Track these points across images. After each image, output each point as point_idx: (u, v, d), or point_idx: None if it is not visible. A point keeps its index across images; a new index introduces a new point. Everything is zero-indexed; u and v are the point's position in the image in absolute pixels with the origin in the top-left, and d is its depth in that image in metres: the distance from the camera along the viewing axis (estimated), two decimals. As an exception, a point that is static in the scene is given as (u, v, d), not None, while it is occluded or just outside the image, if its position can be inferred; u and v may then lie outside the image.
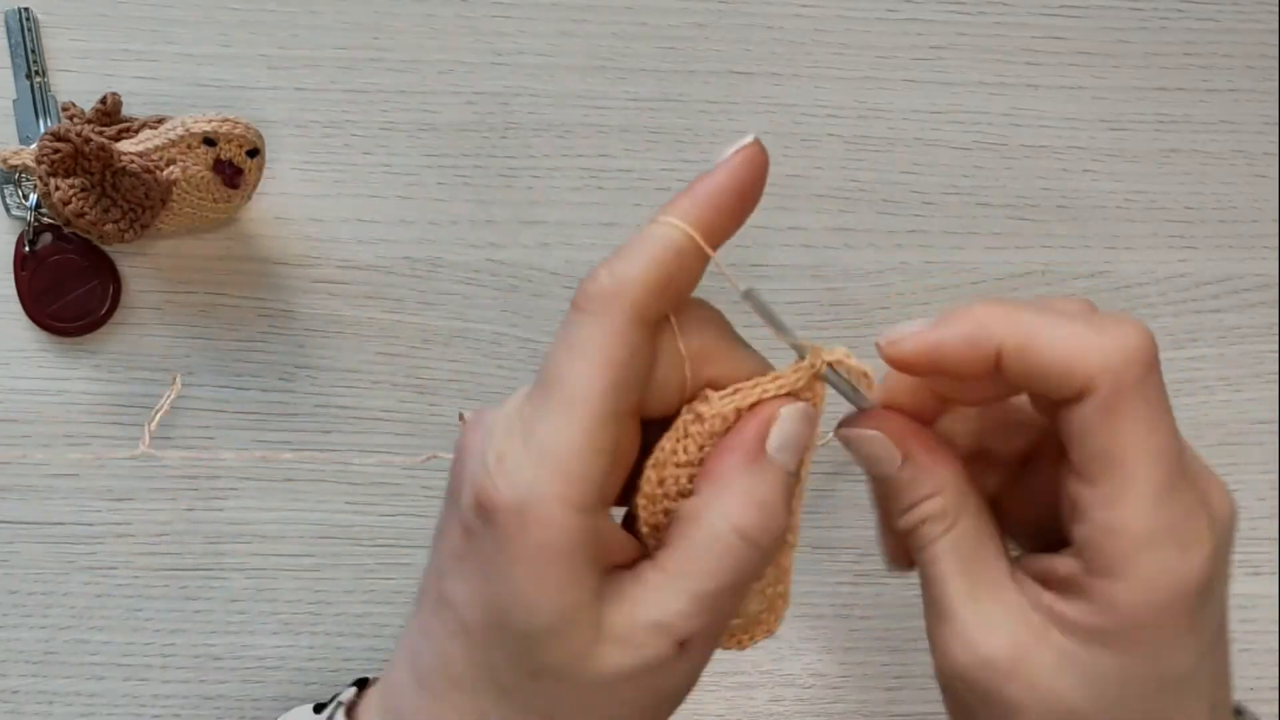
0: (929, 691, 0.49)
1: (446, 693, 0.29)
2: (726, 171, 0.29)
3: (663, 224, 0.28)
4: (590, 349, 0.27)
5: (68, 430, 0.47)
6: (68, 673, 0.46)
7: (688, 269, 0.28)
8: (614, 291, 0.27)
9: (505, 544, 0.27)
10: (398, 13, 0.49)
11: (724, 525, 0.28)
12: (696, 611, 0.27)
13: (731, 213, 0.29)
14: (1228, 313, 0.51)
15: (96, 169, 0.43)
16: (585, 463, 0.27)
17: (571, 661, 0.27)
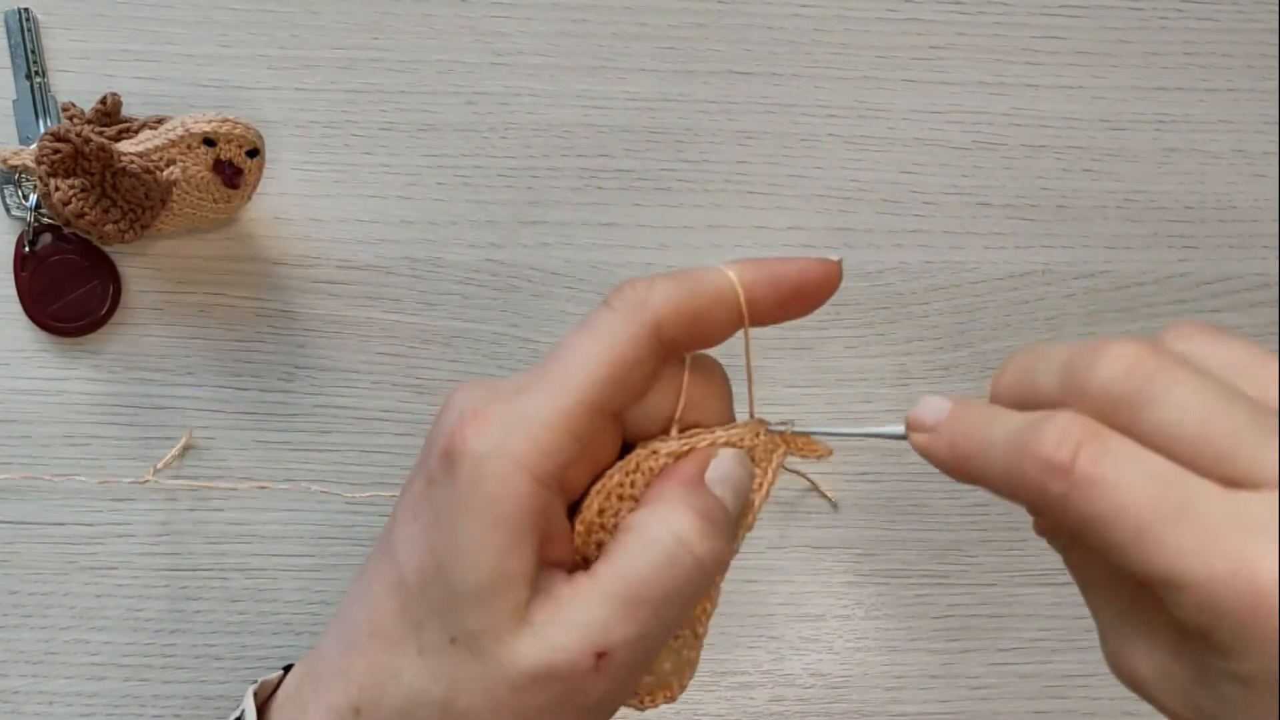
0: (929, 692, 0.49)
1: (365, 645, 0.29)
2: (800, 266, 0.29)
3: (719, 271, 0.28)
4: (602, 339, 0.27)
5: (67, 430, 0.47)
6: (68, 673, 0.46)
7: (719, 320, 0.28)
8: (644, 300, 0.28)
9: (459, 493, 0.27)
10: (397, 13, 0.49)
11: (663, 530, 0.27)
12: (621, 620, 0.27)
13: (783, 299, 0.29)
14: (1227, 313, 0.51)
15: (96, 169, 0.43)
16: (556, 438, 0.27)
17: (488, 635, 0.27)
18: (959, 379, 0.50)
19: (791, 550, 0.49)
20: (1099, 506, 0.23)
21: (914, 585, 0.49)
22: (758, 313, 0.29)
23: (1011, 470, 0.25)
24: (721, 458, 0.29)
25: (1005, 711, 0.49)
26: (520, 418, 0.27)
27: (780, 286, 0.29)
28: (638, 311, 0.28)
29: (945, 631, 0.49)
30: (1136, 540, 0.23)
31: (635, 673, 0.28)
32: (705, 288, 0.28)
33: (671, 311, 0.28)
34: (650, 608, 0.27)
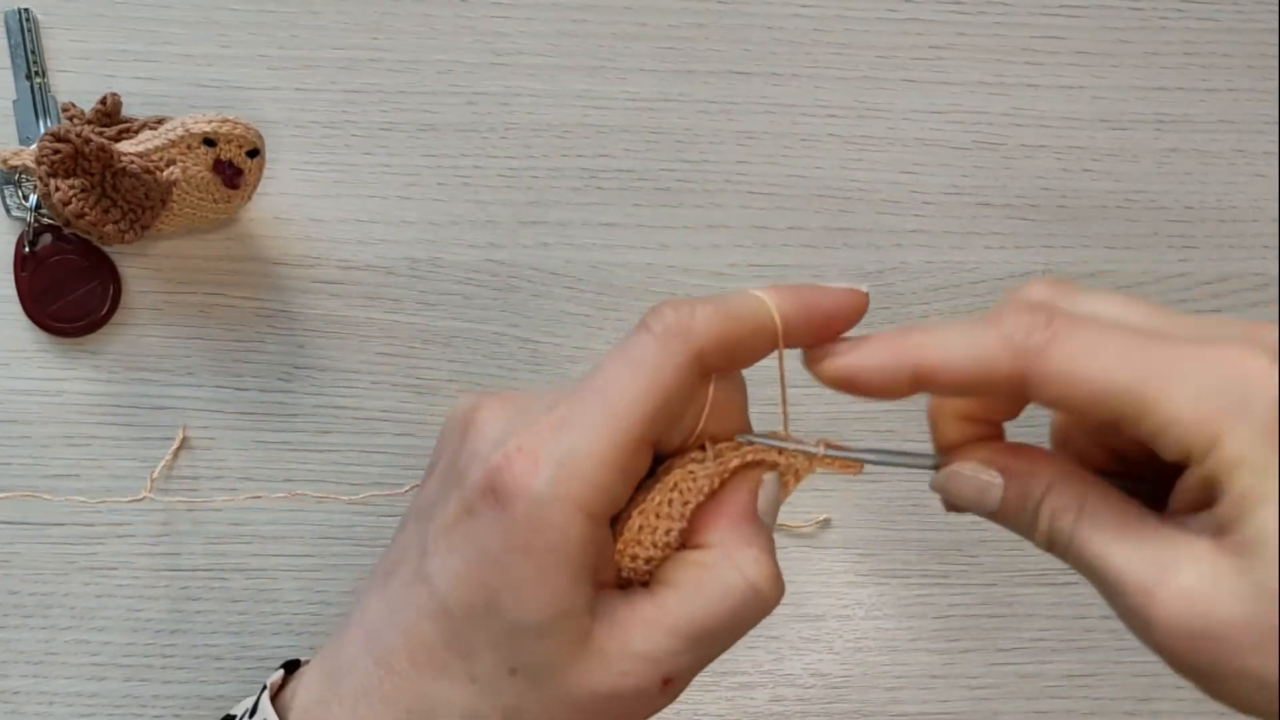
0: (929, 691, 0.49)
1: (408, 671, 0.29)
2: (834, 296, 0.29)
3: (756, 299, 0.29)
4: (648, 370, 0.27)
5: (67, 430, 0.47)
6: (68, 673, 0.46)
7: (754, 347, 0.29)
8: (687, 327, 0.28)
9: (514, 534, 0.27)
10: (397, 13, 0.49)
11: (737, 576, 0.29)
12: (689, 653, 0.28)
13: (816, 328, 0.29)
14: (1227, 312, 0.51)
15: (96, 169, 0.43)
16: (610, 476, 0.27)
17: (552, 666, 0.27)
18: (959, 379, 0.50)
19: (791, 550, 0.49)
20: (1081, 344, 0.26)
21: (914, 585, 0.49)
22: (790, 340, 0.29)
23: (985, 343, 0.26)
24: (766, 486, 0.30)
25: (1005, 711, 0.49)
26: (574, 456, 0.27)
27: (815, 316, 0.29)
28: (681, 341, 0.28)
29: (945, 631, 0.49)
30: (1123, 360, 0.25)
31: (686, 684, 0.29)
32: (746, 316, 0.28)
33: (715, 342, 0.28)
34: (716, 642, 0.29)
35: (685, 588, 0.29)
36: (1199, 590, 0.25)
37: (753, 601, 0.29)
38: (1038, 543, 0.29)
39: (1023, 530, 0.29)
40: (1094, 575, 0.28)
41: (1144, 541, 0.27)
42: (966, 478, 0.29)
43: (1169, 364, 0.25)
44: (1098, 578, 0.28)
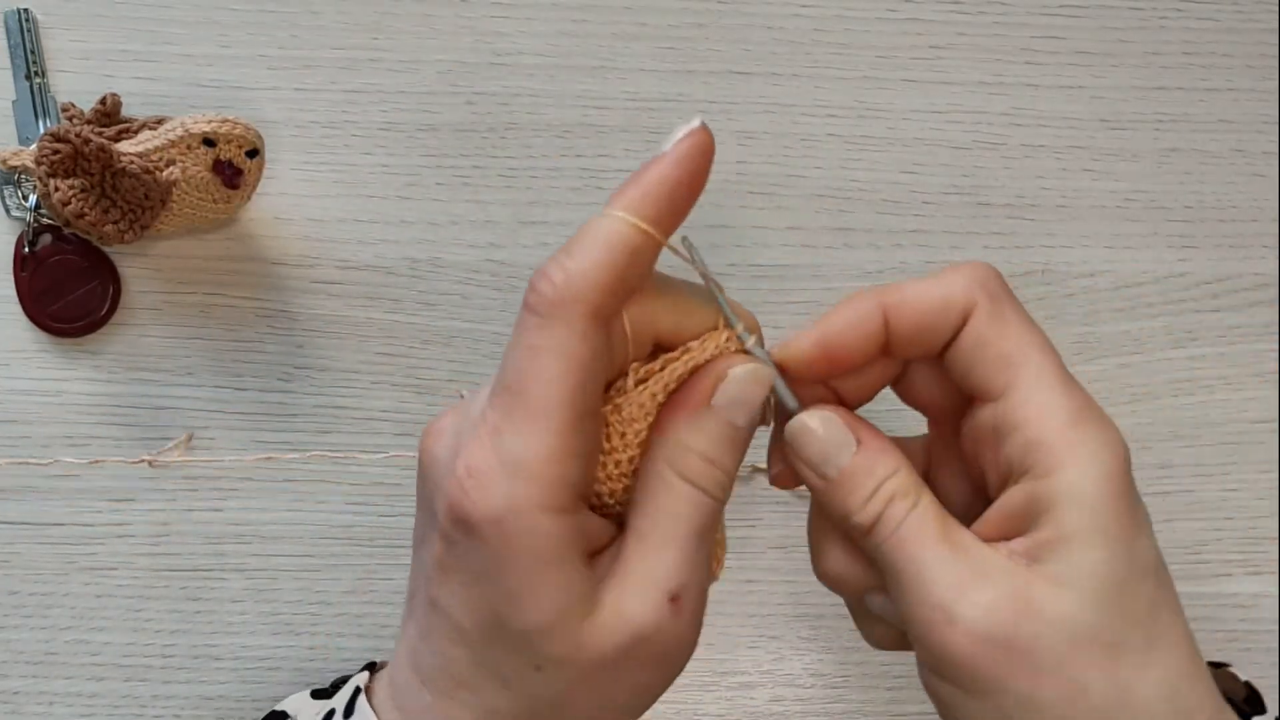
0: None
1: (453, 691, 0.29)
2: (674, 160, 0.28)
3: (614, 219, 0.27)
4: (553, 353, 0.27)
5: (67, 431, 0.47)
6: (68, 673, 0.46)
7: (641, 264, 0.28)
8: (571, 295, 0.27)
9: (492, 555, 0.27)
10: (397, 13, 0.49)
11: (672, 475, 0.29)
12: (675, 563, 0.28)
13: (680, 199, 0.28)
14: (1227, 312, 0.51)
15: (96, 170, 0.43)
16: (561, 468, 0.27)
17: (573, 650, 0.28)
18: (959, 379, 0.50)
19: (791, 550, 0.49)
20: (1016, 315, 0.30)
21: (914, 585, 0.49)
22: (666, 227, 0.28)
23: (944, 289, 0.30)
24: (730, 380, 0.29)
25: (1005, 711, 0.49)
26: (517, 464, 0.26)
27: (670, 192, 0.28)
28: (572, 309, 0.27)
29: (945, 631, 0.49)
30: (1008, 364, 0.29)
31: (701, 601, 0.29)
32: (617, 247, 0.27)
33: (601, 293, 0.27)
34: (691, 542, 0.29)
35: (642, 503, 0.29)
36: (1005, 606, 0.27)
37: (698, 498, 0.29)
38: (854, 524, 0.29)
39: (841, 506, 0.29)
40: (899, 571, 0.29)
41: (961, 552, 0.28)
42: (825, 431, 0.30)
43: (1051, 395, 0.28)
44: (902, 575, 0.28)
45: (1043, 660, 0.27)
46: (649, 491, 0.29)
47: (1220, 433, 0.50)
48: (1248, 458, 0.50)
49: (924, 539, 0.28)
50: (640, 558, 0.28)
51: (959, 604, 0.27)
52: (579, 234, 0.27)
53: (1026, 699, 0.27)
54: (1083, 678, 0.27)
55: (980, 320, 0.29)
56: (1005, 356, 0.29)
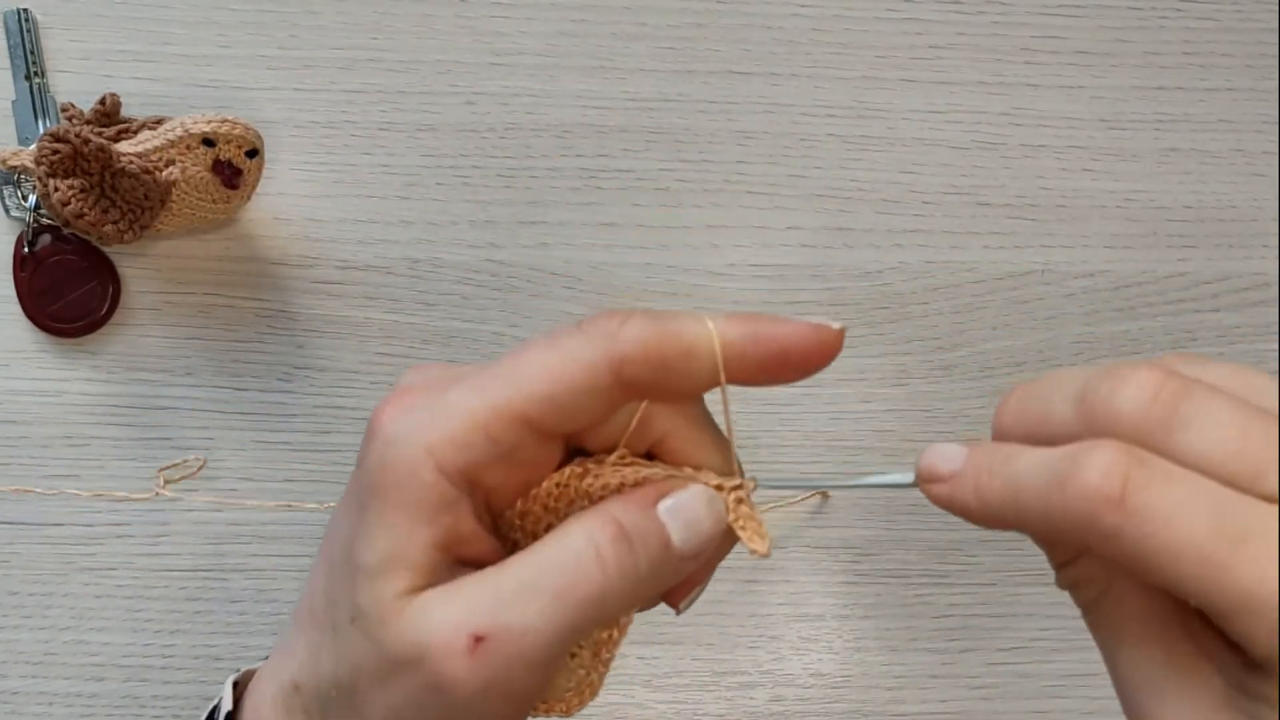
0: (929, 691, 0.49)
1: (304, 622, 0.29)
2: (791, 329, 0.27)
3: (700, 320, 0.26)
4: (557, 355, 0.26)
5: (67, 431, 0.47)
6: (68, 674, 0.46)
7: (690, 372, 0.26)
8: (614, 332, 0.26)
9: (369, 472, 0.26)
10: (396, 13, 0.49)
11: (581, 535, 0.26)
12: (509, 604, 0.25)
13: (767, 362, 0.27)
14: (1227, 312, 0.51)
15: (96, 170, 0.43)
16: (472, 436, 0.26)
17: (374, 614, 0.26)
18: (958, 379, 0.50)
19: (791, 550, 0.49)
20: (1158, 539, 0.22)
21: (914, 585, 0.49)
22: (736, 372, 0.27)
23: (1052, 507, 0.24)
24: (688, 491, 0.27)
25: (1005, 711, 0.49)
26: (442, 406, 0.26)
27: (764, 349, 0.26)
28: (604, 341, 0.26)
29: (945, 631, 0.49)
30: (1201, 568, 0.22)
31: (513, 674, 0.25)
32: (679, 336, 0.26)
33: (639, 352, 0.26)
34: (543, 600, 0.25)
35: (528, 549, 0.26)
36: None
37: (588, 565, 0.26)
38: (1062, 587, 0.27)
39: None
40: (1105, 643, 0.26)
41: (1164, 654, 0.25)
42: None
43: (1252, 582, 0.22)
44: (1110, 666, 0.26)
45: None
46: (541, 541, 0.27)
47: None
48: (1247, 457, 0.50)
49: (1119, 644, 0.26)
50: (482, 582, 0.26)
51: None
52: (668, 311, 0.27)
53: None
54: None
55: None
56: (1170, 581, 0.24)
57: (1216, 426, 0.23)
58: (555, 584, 0.25)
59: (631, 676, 0.48)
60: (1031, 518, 0.24)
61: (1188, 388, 0.24)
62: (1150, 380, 0.24)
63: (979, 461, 0.26)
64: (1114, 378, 0.24)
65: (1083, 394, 0.25)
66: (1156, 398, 0.24)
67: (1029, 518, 0.24)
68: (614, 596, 0.26)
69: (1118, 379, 0.24)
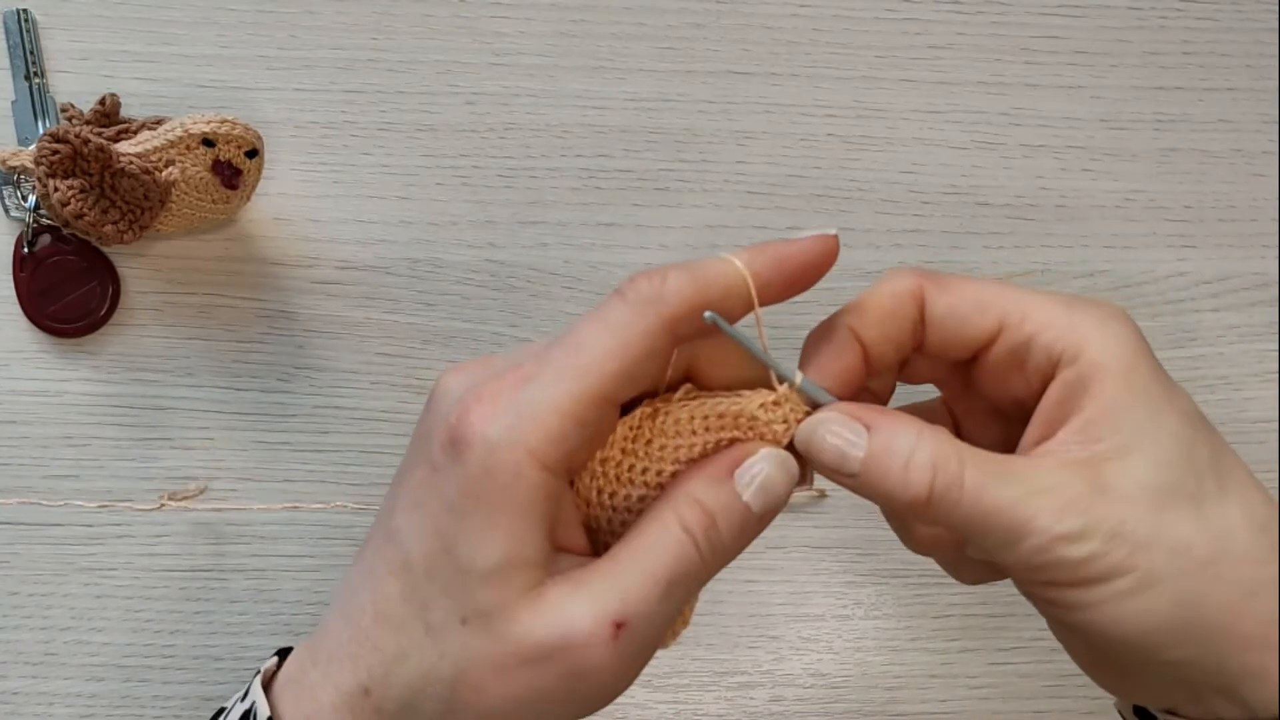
0: (929, 691, 0.49)
1: (371, 628, 0.29)
2: (801, 246, 0.30)
3: (726, 261, 0.29)
4: (616, 332, 0.28)
5: (66, 431, 0.47)
6: (68, 674, 0.46)
7: (729, 307, 0.29)
8: (660, 295, 0.28)
9: (469, 479, 0.27)
10: (396, 13, 0.49)
11: (676, 526, 0.28)
12: (636, 595, 0.28)
13: (789, 280, 0.30)
14: (1227, 312, 0.51)
15: (95, 170, 0.43)
16: (566, 428, 0.27)
17: (502, 612, 0.27)
18: (958, 379, 0.50)
19: (791, 550, 0.49)
20: (965, 283, 0.32)
21: (914, 585, 0.49)
22: (765, 297, 0.29)
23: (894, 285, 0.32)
24: (758, 458, 0.29)
25: (1005, 711, 0.49)
26: (530, 404, 0.27)
27: (786, 269, 0.29)
28: (653, 306, 0.28)
29: (945, 631, 0.49)
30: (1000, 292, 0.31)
31: (644, 651, 0.29)
32: (717, 280, 0.29)
33: (686, 308, 0.28)
34: (661, 587, 0.28)
35: (633, 536, 0.29)
36: (1083, 500, 0.28)
37: (690, 554, 0.28)
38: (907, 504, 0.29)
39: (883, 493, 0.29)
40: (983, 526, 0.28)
41: (1020, 475, 0.28)
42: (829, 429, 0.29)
43: (1038, 297, 0.30)
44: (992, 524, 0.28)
45: (1137, 535, 0.27)
46: (642, 530, 0.29)
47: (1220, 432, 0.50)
48: (1248, 457, 0.50)
49: (993, 487, 0.28)
50: (605, 576, 0.28)
51: (1054, 527, 0.28)
52: (693, 261, 0.29)
53: (1144, 575, 0.27)
54: (1181, 536, 0.27)
55: (935, 292, 0.31)
56: (980, 302, 0.31)
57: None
58: (668, 572, 0.28)
59: (631, 676, 0.48)
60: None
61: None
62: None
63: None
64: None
65: None
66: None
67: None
68: (710, 569, 0.29)
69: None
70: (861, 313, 0.31)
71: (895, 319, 0.31)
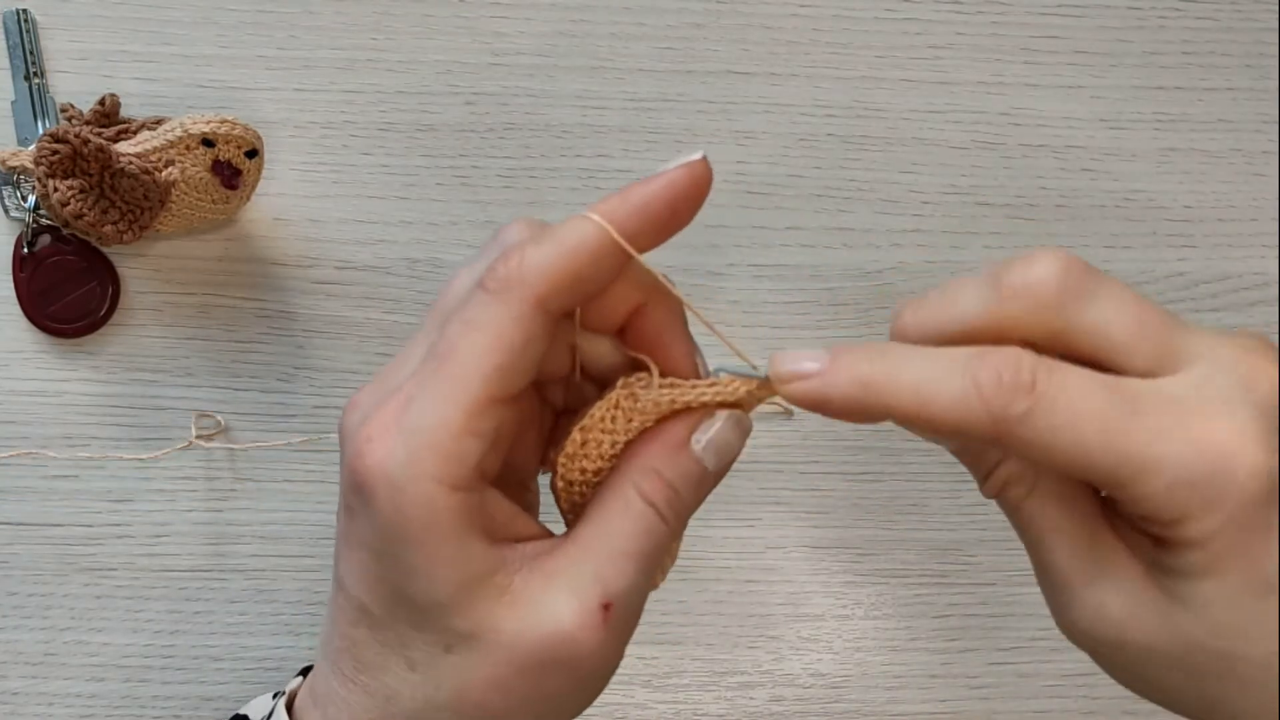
0: (929, 691, 0.49)
1: (355, 677, 0.29)
2: (664, 181, 0.28)
3: (584, 219, 0.27)
4: (485, 330, 0.26)
5: (67, 431, 0.47)
6: (68, 674, 0.46)
7: (602, 268, 0.27)
8: (520, 279, 0.27)
9: (386, 523, 0.26)
10: (396, 13, 0.49)
11: (638, 500, 0.28)
12: (614, 573, 0.27)
13: (660, 222, 0.28)
14: (1226, 311, 0.51)
15: (95, 170, 0.43)
16: (463, 445, 0.26)
17: (482, 631, 0.27)
18: (958, 378, 0.50)
19: (791, 550, 0.49)
20: (1065, 415, 0.25)
21: (914, 585, 0.49)
22: (641, 245, 0.28)
23: (965, 398, 0.25)
24: (714, 421, 0.29)
25: (1005, 711, 0.49)
26: (419, 432, 0.26)
27: (653, 213, 0.28)
28: (517, 292, 0.26)
29: (945, 631, 0.49)
30: (1103, 436, 0.25)
31: (633, 621, 0.28)
32: (578, 245, 0.27)
33: (550, 284, 0.27)
34: (634, 561, 0.28)
35: (596, 514, 0.28)
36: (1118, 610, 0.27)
37: (656, 525, 0.28)
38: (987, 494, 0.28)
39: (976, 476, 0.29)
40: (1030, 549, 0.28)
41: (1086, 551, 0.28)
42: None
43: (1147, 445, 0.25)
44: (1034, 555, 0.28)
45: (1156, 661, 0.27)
46: (603, 506, 0.28)
47: None
48: (1247, 457, 0.50)
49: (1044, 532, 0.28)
50: (575, 560, 0.27)
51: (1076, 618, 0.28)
52: (552, 228, 0.28)
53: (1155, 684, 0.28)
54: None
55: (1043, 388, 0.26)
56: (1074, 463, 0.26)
57: (1121, 303, 0.26)
58: (638, 545, 0.28)
59: (631, 676, 0.48)
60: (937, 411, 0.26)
61: (1092, 269, 0.27)
62: (1059, 258, 0.27)
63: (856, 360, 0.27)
64: (1024, 259, 0.27)
65: (992, 281, 0.27)
66: (1068, 272, 0.26)
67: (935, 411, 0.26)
68: (676, 530, 0.29)
69: (1028, 259, 0.27)
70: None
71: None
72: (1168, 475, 0.25)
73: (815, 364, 0.27)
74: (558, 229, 0.28)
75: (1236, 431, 0.25)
